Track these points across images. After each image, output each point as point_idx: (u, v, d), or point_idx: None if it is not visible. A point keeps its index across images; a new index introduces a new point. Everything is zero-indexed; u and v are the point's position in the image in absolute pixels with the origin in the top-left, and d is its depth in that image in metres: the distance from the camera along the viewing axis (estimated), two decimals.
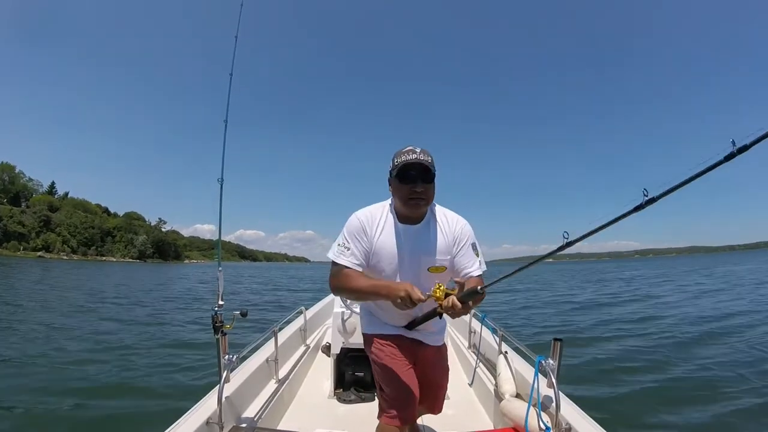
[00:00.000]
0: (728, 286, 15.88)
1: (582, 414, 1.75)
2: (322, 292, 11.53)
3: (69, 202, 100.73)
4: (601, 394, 4.04)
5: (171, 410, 2.59)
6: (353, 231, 1.60)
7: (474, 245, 1.64)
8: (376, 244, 1.59)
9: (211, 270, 47.53)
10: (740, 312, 8.91)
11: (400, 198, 1.56)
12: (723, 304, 10.43)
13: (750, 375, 4.49)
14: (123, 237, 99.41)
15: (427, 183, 1.53)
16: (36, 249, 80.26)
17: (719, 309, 9.42)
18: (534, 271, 46.98)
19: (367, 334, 1.78)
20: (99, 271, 34.87)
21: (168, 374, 4.74)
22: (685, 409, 3.63)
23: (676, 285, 17.75)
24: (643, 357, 5.44)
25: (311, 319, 3.69)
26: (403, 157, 1.52)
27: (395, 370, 1.62)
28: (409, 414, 1.60)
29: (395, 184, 1.56)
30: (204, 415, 1.74)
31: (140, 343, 6.28)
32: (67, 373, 4.69)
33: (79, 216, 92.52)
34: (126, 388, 4.25)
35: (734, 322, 7.83)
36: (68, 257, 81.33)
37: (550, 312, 10.25)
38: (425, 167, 1.50)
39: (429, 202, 1.58)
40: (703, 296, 12.69)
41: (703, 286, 16.60)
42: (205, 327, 7.09)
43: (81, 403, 3.82)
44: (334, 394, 2.81)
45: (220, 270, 1.98)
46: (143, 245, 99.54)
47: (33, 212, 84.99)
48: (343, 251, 1.58)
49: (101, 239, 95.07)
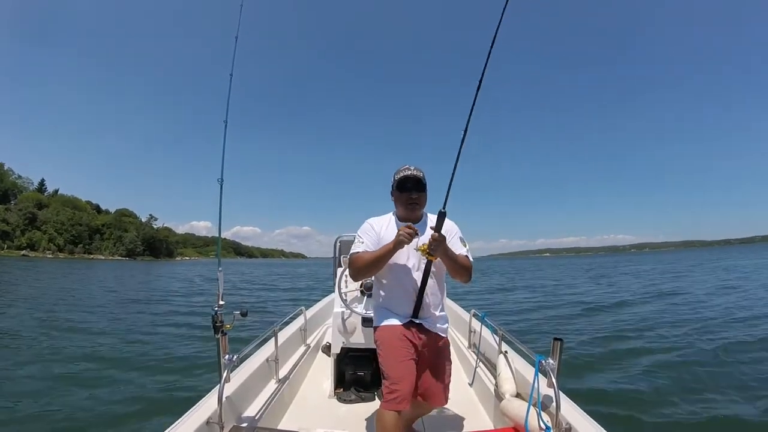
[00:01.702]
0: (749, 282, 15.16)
1: (582, 413, 1.77)
2: (299, 291, 11.07)
3: (58, 199, 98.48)
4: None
5: (171, 410, 2.61)
6: (364, 230, 2.06)
7: (461, 239, 2.06)
8: (382, 236, 2.00)
9: (202, 267, 47.15)
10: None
11: (400, 204, 2.04)
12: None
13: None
14: (112, 234, 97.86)
15: (420, 191, 2.01)
16: (20, 247, 78.65)
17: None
18: (537, 266, 46.47)
19: (377, 326, 2.05)
20: (77, 269, 33.80)
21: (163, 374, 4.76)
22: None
23: (716, 280, 16.73)
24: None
25: (311, 318, 3.72)
26: (401, 173, 2.01)
27: (394, 354, 1.88)
28: (403, 392, 1.76)
29: (396, 194, 2.04)
30: (204, 414, 1.76)
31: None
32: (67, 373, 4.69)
33: (66, 213, 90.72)
34: (126, 388, 4.27)
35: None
36: (53, 255, 79.64)
37: (577, 315, 9.16)
38: (418, 179, 2.00)
39: (422, 206, 2.05)
40: (735, 292, 12.05)
41: (728, 281, 15.88)
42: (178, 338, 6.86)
43: (81, 403, 3.84)
44: (334, 394, 2.84)
45: (220, 270, 2.00)
46: (132, 243, 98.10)
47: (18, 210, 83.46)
48: (358, 245, 2.01)
49: (89, 237, 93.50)
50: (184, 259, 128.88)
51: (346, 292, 2.95)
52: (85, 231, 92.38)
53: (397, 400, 1.74)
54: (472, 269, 2.01)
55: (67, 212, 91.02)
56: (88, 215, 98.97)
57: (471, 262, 2.02)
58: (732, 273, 20.66)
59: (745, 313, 8.43)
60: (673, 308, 9.67)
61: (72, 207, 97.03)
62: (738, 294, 11.83)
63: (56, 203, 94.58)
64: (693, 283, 15.91)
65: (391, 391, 1.77)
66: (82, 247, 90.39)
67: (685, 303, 10.49)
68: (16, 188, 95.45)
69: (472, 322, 3.42)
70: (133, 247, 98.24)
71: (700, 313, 8.78)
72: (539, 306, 11.13)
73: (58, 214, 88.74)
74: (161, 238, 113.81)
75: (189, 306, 11.35)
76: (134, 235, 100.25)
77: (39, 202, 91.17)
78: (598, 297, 12.77)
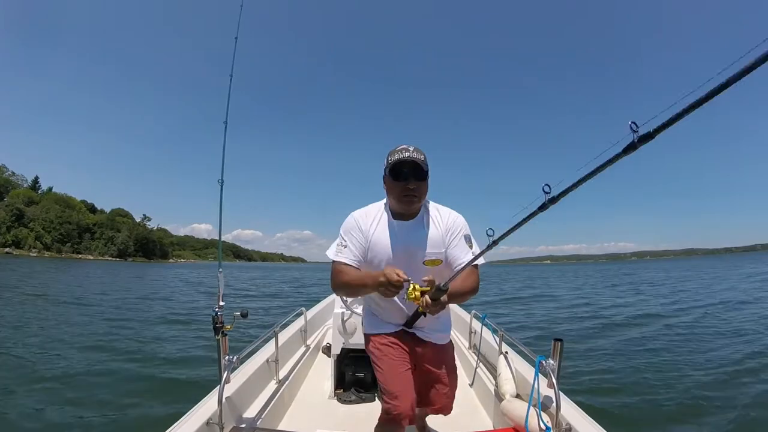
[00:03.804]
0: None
1: (582, 414, 1.80)
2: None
3: (50, 197, 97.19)
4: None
5: (171, 411, 2.62)
6: (349, 228, 1.72)
7: (468, 237, 1.71)
8: (371, 239, 1.68)
9: (190, 269, 46.07)
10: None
11: (393, 195, 1.66)
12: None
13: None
14: (104, 234, 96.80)
15: (420, 180, 1.61)
16: (5, 245, 77.31)
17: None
18: (542, 274, 45.32)
19: (366, 334, 1.88)
20: (48, 269, 31.71)
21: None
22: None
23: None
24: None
25: (311, 319, 3.74)
26: (396, 156, 1.60)
27: (390, 366, 1.71)
28: (404, 409, 1.62)
29: (389, 182, 1.66)
30: (204, 415, 1.78)
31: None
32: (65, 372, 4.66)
33: (56, 210, 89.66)
34: (126, 388, 4.28)
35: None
36: (39, 254, 78.16)
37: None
38: (417, 164, 1.59)
39: (422, 198, 1.67)
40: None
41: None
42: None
43: (81, 404, 3.84)
44: (334, 395, 2.87)
45: (221, 271, 2.01)
46: (123, 243, 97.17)
47: (6, 206, 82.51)
48: (341, 250, 1.69)
49: (78, 236, 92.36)
50: (179, 261, 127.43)
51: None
52: (74, 230, 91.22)
53: (398, 418, 1.61)
54: (479, 282, 1.68)
55: (55, 209, 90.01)
56: (79, 214, 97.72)
57: (478, 272, 1.68)
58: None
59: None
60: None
61: (65, 205, 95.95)
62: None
63: (47, 201, 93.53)
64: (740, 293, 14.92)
65: (391, 407, 1.63)
66: (70, 246, 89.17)
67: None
68: (9, 185, 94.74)
69: (473, 322, 3.46)
70: (125, 247, 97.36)
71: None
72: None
73: (48, 212, 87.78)
74: (155, 239, 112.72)
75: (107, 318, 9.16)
76: (126, 236, 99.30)
77: (30, 199, 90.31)
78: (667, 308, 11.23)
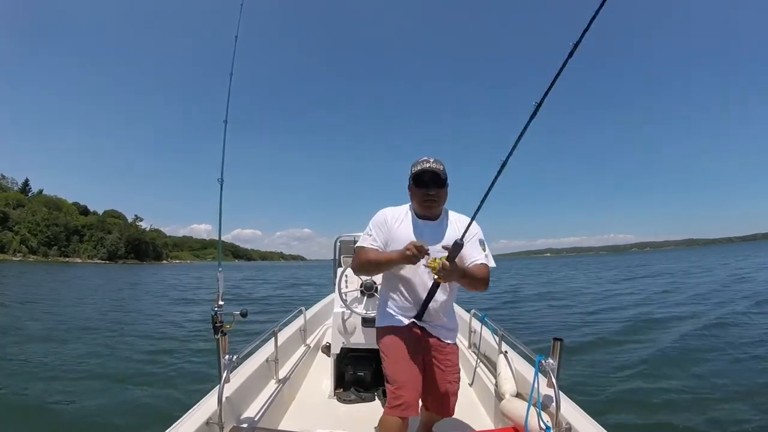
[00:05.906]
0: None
1: (582, 413, 1.83)
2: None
3: (40, 199, 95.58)
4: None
5: (171, 411, 2.64)
6: (377, 221, 1.96)
7: (481, 241, 1.94)
8: (395, 234, 1.91)
9: (183, 270, 45.21)
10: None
11: (416, 200, 1.94)
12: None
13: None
14: (93, 236, 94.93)
15: (439, 187, 1.88)
16: None
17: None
18: (549, 268, 45.33)
19: (379, 327, 2.01)
20: (24, 274, 30.68)
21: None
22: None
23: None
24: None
25: (311, 319, 3.78)
26: (418, 166, 1.88)
27: (398, 357, 1.85)
28: (409, 398, 1.73)
29: (413, 188, 1.92)
30: (204, 415, 1.80)
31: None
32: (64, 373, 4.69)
33: (42, 213, 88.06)
34: (126, 388, 4.32)
35: None
36: (23, 258, 76.11)
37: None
38: (437, 173, 1.86)
39: (441, 203, 1.94)
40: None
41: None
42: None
43: (80, 404, 3.88)
44: (334, 394, 2.91)
45: (221, 270, 2.04)
46: (114, 244, 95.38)
47: None
48: (366, 238, 1.93)
49: (66, 239, 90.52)
50: (175, 262, 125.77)
51: (346, 293, 3.02)
52: (61, 232, 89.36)
53: (402, 407, 1.70)
54: (489, 279, 1.88)
55: (42, 212, 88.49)
56: (67, 215, 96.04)
57: (489, 269, 1.89)
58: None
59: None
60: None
61: (55, 208, 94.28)
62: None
63: (36, 203, 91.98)
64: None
65: (396, 396, 1.73)
66: (57, 250, 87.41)
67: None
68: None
69: (472, 322, 3.50)
70: (115, 249, 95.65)
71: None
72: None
73: (34, 215, 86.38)
74: (147, 239, 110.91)
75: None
76: (116, 237, 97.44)
77: (18, 202, 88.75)
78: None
